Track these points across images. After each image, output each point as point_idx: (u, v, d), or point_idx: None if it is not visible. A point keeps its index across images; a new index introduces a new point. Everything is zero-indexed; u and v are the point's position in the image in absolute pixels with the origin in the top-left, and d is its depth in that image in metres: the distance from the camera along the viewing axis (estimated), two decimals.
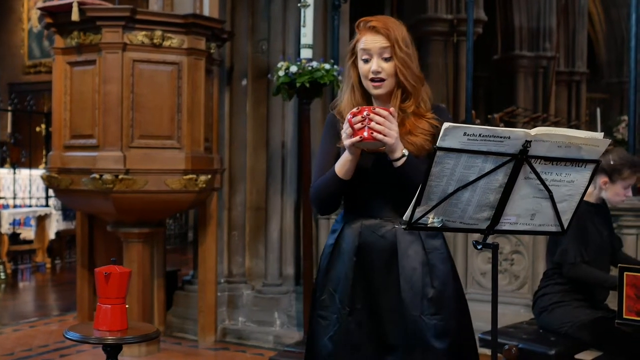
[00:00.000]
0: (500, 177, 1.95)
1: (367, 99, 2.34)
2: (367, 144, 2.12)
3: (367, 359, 2.28)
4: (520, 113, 11.22)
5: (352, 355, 2.27)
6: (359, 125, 2.07)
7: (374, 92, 2.29)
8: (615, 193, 3.49)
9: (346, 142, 2.11)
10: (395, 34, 2.25)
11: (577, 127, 11.53)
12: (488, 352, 4.12)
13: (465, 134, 1.85)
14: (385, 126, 2.07)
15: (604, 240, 3.54)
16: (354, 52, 2.33)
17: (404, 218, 2.00)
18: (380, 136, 2.07)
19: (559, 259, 3.40)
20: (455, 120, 9.05)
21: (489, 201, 1.99)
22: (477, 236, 4.89)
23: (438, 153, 1.88)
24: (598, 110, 12.11)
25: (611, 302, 3.75)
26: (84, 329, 2.76)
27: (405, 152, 2.14)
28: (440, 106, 2.39)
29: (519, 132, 1.88)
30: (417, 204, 1.95)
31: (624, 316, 2.93)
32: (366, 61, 2.27)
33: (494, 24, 12.63)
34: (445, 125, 1.84)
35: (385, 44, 2.25)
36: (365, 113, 2.07)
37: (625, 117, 12.97)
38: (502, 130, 1.87)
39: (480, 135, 1.86)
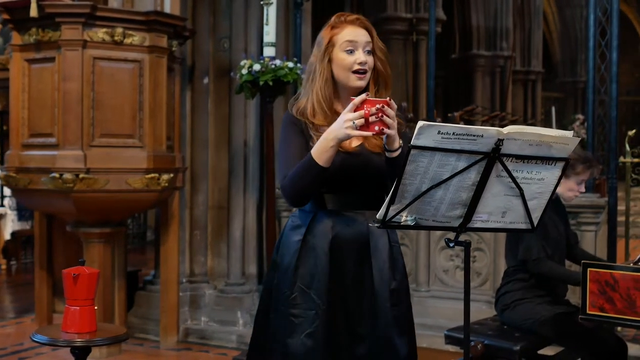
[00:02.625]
0: (473, 175, 1.97)
1: (335, 94, 2.32)
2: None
3: (340, 350, 2.29)
4: (480, 112, 11.37)
5: (330, 349, 2.27)
6: (373, 119, 2.03)
7: (357, 83, 2.27)
8: (568, 188, 3.54)
9: (353, 132, 2.06)
10: (373, 29, 2.33)
11: (534, 126, 11.70)
12: (452, 348, 4.18)
13: (439, 132, 1.86)
14: (393, 119, 2.06)
15: (560, 235, 3.60)
16: (330, 45, 2.30)
17: (377, 216, 2.01)
18: (388, 130, 2.05)
19: (523, 256, 3.44)
20: (415, 118, 9.10)
21: (462, 199, 2.01)
22: (439, 234, 4.89)
23: (412, 151, 1.88)
24: (553, 108, 12.37)
25: (571, 298, 3.82)
26: (51, 331, 2.70)
27: (401, 142, 2.13)
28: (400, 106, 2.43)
29: (491, 130, 1.90)
30: (391, 202, 1.95)
31: (588, 312, 2.96)
32: (350, 52, 2.27)
33: (452, 24, 12.75)
34: (420, 123, 1.85)
35: (368, 37, 2.29)
36: (378, 106, 2.03)
37: (580, 116, 13.26)
38: (475, 128, 1.89)
39: (454, 133, 1.87)
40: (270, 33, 4.69)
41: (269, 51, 4.69)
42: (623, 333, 4.59)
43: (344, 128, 2.07)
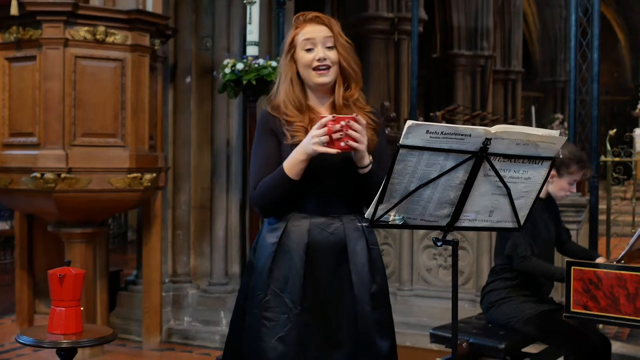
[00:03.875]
0: (461, 175, 1.98)
1: (304, 92, 2.35)
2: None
3: (315, 357, 2.27)
4: (461, 111, 11.42)
5: (303, 354, 2.26)
6: (337, 135, 2.08)
7: (319, 80, 2.29)
8: (560, 187, 3.56)
9: (319, 148, 2.11)
10: (335, 25, 2.34)
11: (514, 125, 11.76)
12: (436, 347, 4.19)
13: (427, 131, 1.87)
14: (361, 134, 2.10)
15: (550, 234, 3.62)
16: (292, 45, 2.34)
17: (366, 215, 2.01)
18: (355, 144, 2.10)
19: (510, 252, 3.46)
20: (397, 118, 9.09)
21: (450, 198, 2.02)
22: (422, 232, 4.89)
23: (401, 151, 1.89)
24: (533, 108, 12.45)
25: (554, 295, 3.85)
26: (36, 332, 2.67)
27: (370, 158, 2.18)
28: (375, 107, 2.46)
29: (479, 129, 1.91)
30: (380, 201, 1.96)
31: (572, 309, 2.98)
32: (309, 50, 2.29)
33: (433, 23, 12.79)
34: (409, 123, 1.86)
35: (328, 33, 2.31)
36: (343, 123, 2.08)
37: (559, 115, 13.33)
38: (463, 128, 1.90)
39: (442, 133, 1.88)
40: (253, 32, 4.68)
41: (252, 50, 4.68)
42: (605, 330, 4.63)
43: (311, 144, 2.12)
